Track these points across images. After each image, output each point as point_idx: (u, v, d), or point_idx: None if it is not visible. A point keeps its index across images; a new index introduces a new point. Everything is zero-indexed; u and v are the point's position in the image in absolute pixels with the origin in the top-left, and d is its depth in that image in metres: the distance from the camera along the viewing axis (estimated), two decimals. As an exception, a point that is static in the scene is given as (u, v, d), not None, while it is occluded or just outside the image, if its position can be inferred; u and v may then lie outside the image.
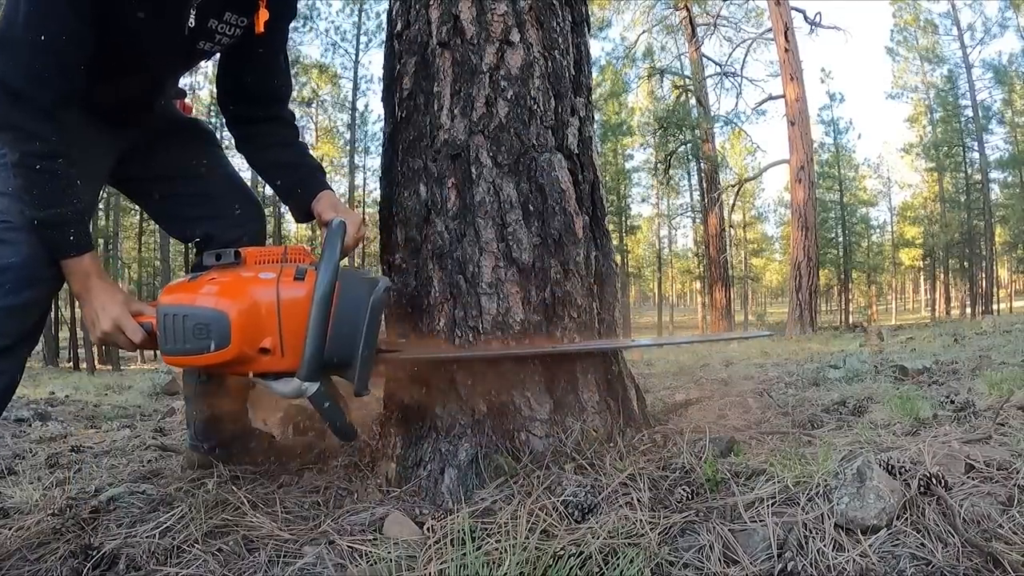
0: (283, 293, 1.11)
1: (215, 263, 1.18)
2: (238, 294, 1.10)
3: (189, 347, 1.09)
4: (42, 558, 1.14)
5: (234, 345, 1.07)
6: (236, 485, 1.38)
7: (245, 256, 1.19)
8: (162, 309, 1.12)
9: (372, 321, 1.15)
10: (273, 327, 1.10)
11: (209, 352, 1.08)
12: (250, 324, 1.09)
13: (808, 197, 12.24)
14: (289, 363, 1.11)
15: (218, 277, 1.14)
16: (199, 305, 1.09)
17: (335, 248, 1.10)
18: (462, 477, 1.31)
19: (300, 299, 1.11)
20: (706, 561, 0.97)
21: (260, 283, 1.12)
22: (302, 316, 1.10)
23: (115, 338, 1.23)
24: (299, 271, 1.14)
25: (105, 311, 1.22)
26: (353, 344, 1.14)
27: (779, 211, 33.24)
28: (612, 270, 1.64)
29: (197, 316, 1.08)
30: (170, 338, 1.10)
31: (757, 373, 3.61)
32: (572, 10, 1.65)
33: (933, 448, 1.22)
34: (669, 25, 19.95)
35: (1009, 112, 23.70)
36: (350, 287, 1.14)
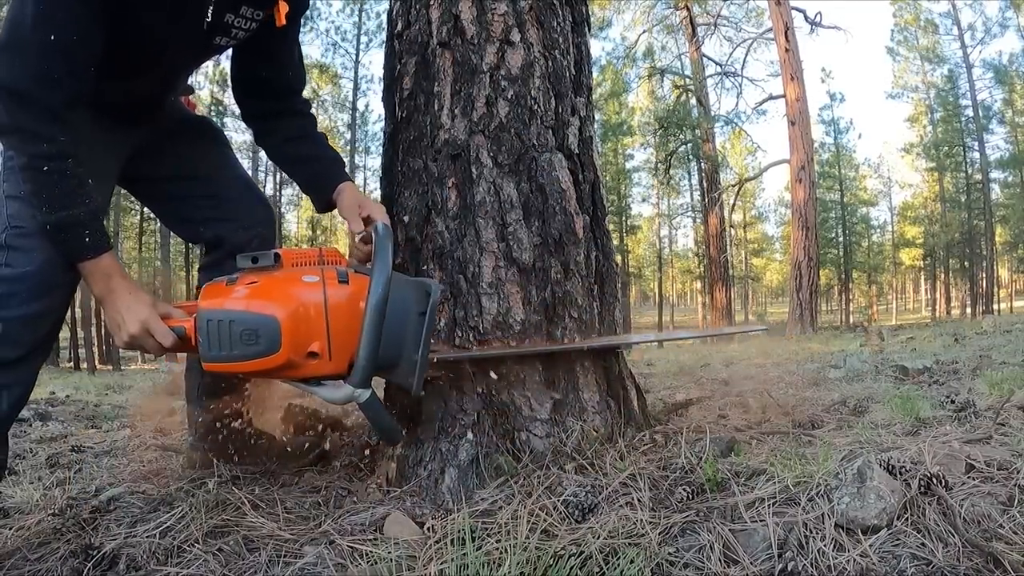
0: (330, 296, 1.09)
1: (251, 265, 1.15)
2: (286, 298, 1.07)
3: (236, 353, 1.05)
4: (42, 558, 1.14)
5: (284, 350, 1.05)
6: (236, 485, 1.38)
7: (283, 258, 1.16)
8: (204, 314, 1.08)
9: (429, 324, 1.14)
10: (321, 331, 1.08)
11: (258, 358, 1.05)
12: (299, 328, 1.06)
13: (808, 197, 12.24)
14: (335, 367, 1.09)
15: (260, 280, 1.11)
16: (246, 310, 1.06)
17: (387, 252, 1.07)
18: (462, 477, 1.31)
19: (346, 302, 1.10)
20: (706, 561, 0.97)
21: (306, 286, 1.09)
22: (348, 319, 1.08)
23: (143, 342, 1.18)
24: (341, 273, 1.13)
25: (132, 312, 1.18)
26: (402, 346, 1.12)
27: (779, 211, 33.26)
28: (613, 270, 1.64)
29: (245, 321, 1.05)
30: (214, 344, 1.06)
31: (757, 373, 3.61)
32: (572, 10, 1.65)
33: (933, 448, 1.22)
34: (669, 25, 19.97)
35: (1009, 112, 23.70)
36: (398, 292, 1.11)
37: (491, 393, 1.42)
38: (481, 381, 1.42)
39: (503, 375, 1.42)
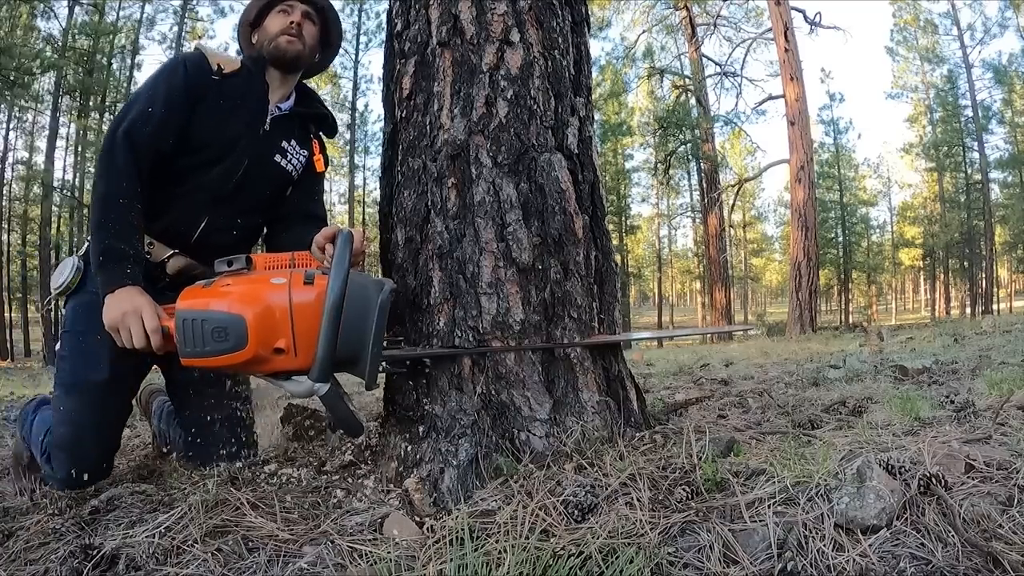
0: (295, 297, 1.18)
1: (227, 269, 1.25)
2: (253, 298, 1.17)
3: (208, 349, 1.16)
4: (42, 558, 1.14)
5: (251, 346, 1.14)
6: (236, 485, 1.38)
7: (255, 262, 1.26)
8: (181, 314, 1.18)
9: (380, 321, 1.21)
10: (287, 329, 1.17)
11: (228, 353, 1.15)
12: (265, 326, 1.16)
13: (808, 197, 12.24)
14: (301, 362, 1.18)
15: (232, 283, 1.21)
16: (217, 309, 1.16)
17: (345, 256, 1.16)
18: (462, 477, 1.31)
19: (311, 302, 1.18)
20: (706, 561, 0.96)
21: (273, 287, 1.19)
22: (313, 318, 1.16)
23: (130, 321, 1.32)
24: (308, 275, 1.21)
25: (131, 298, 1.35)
26: (361, 343, 1.20)
27: (779, 211, 33.24)
28: (612, 270, 1.64)
29: (216, 320, 1.15)
30: (189, 341, 1.17)
31: (757, 373, 3.61)
32: (572, 10, 1.65)
33: (933, 448, 1.21)
34: (669, 25, 19.99)
35: (1009, 112, 23.70)
36: (357, 290, 1.20)
37: (491, 393, 1.42)
38: (480, 381, 1.42)
39: (502, 375, 1.42)
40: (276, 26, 1.68)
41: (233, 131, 1.63)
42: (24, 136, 20.03)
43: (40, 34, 17.31)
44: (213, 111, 1.61)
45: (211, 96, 1.60)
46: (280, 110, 1.72)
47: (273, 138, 1.70)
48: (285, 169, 1.74)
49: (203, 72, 1.60)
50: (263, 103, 1.68)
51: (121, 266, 1.41)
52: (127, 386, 1.62)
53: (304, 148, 1.78)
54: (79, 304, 1.57)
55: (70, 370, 1.53)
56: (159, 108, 1.52)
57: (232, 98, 1.63)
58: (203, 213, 1.63)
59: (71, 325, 1.57)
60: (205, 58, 1.62)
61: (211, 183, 1.62)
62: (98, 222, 1.44)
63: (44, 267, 18.54)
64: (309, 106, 1.80)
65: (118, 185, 1.46)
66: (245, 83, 1.66)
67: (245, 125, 1.65)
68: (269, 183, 1.73)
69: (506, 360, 1.43)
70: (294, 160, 1.75)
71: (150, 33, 20.67)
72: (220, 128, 1.62)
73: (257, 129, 1.66)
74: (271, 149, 1.70)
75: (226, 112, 1.62)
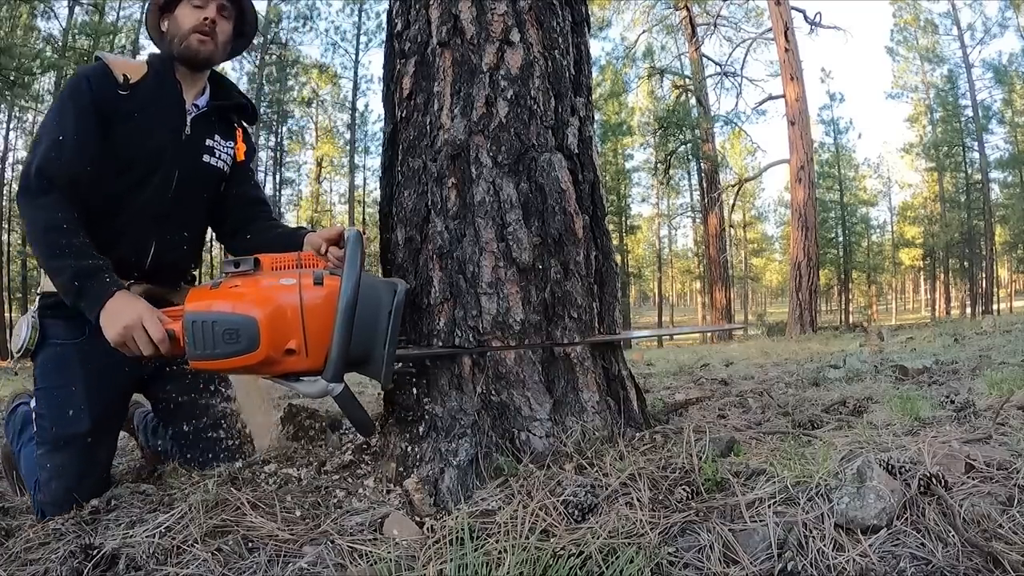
0: (306, 297, 1.18)
1: (234, 270, 1.24)
2: (265, 299, 1.16)
3: (219, 351, 1.14)
4: (42, 558, 1.14)
5: (263, 348, 1.14)
6: (236, 485, 1.38)
7: (262, 263, 1.25)
8: (190, 316, 1.17)
9: (395, 322, 1.22)
10: (298, 329, 1.16)
11: (239, 355, 1.14)
12: (277, 327, 1.15)
13: (808, 197, 12.23)
14: (312, 363, 1.17)
15: (241, 284, 1.20)
16: (228, 311, 1.15)
17: (356, 256, 1.16)
18: (462, 477, 1.31)
19: (321, 302, 1.18)
20: (706, 561, 0.96)
21: (283, 288, 1.18)
22: (324, 318, 1.16)
23: (135, 332, 1.29)
24: (317, 276, 1.21)
25: (129, 307, 1.32)
26: (373, 343, 1.21)
27: (779, 211, 33.23)
28: (612, 270, 1.64)
29: (227, 321, 1.14)
30: (199, 343, 1.15)
31: (757, 373, 3.61)
32: (572, 10, 1.65)
33: (933, 448, 1.21)
34: (669, 25, 19.98)
35: (1009, 112, 23.69)
36: (368, 291, 1.20)
37: (491, 393, 1.42)
38: (480, 381, 1.42)
39: (503, 375, 1.42)
40: (188, 21, 1.59)
41: (155, 142, 1.57)
42: (24, 136, 20.03)
43: (40, 34, 17.30)
44: (129, 125, 1.53)
45: (123, 109, 1.52)
46: (198, 108, 1.65)
47: (197, 139, 1.65)
48: (216, 167, 1.69)
49: (108, 85, 1.52)
50: (180, 106, 1.62)
51: (99, 278, 1.37)
52: (110, 428, 1.60)
53: (229, 140, 1.73)
54: (45, 360, 1.53)
55: (50, 427, 1.49)
56: (69, 135, 1.45)
57: (146, 107, 1.55)
58: (150, 236, 1.58)
59: (42, 382, 1.53)
60: (108, 69, 1.54)
61: (149, 203, 1.57)
62: (51, 255, 1.38)
63: (44, 267, 18.52)
64: (226, 97, 1.73)
65: (52, 216, 1.40)
66: (156, 88, 1.58)
67: (166, 133, 1.58)
68: (204, 186, 1.69)
69: (506, 360, 1.43)
70: (222, 155, 1.71)
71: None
72: (141, 141, 1.55)
73: (179, 134, 1.60)
74: (198, 151, 1.65)
75: (143, 123, 1.55)
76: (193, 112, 1.64)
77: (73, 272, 1.37)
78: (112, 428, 1.61)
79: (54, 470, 1.46)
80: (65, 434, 1.48)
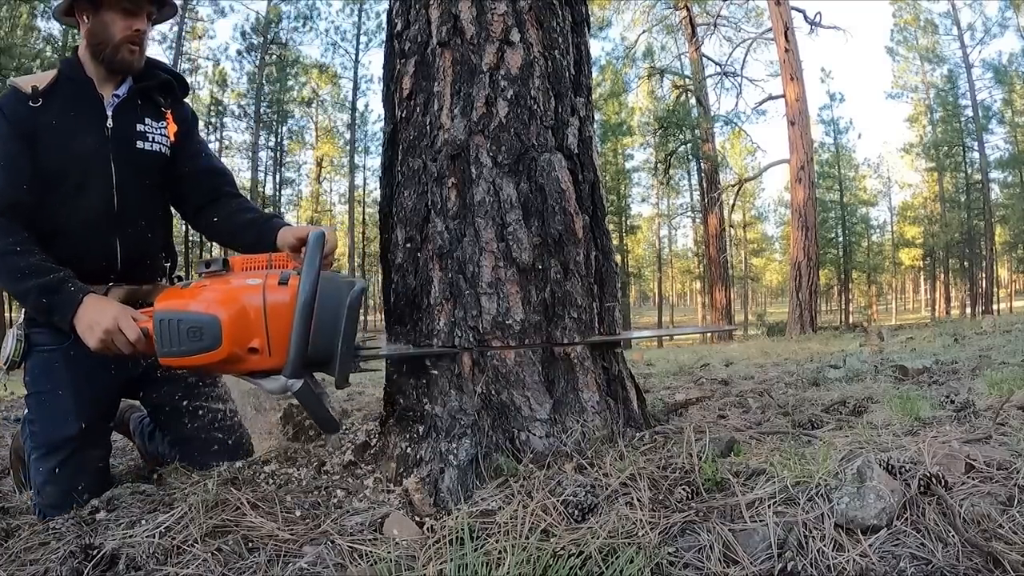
0: (269, 297, 1.21)
1: (205, 271, 1.28)
2: (228, 299, 1.20)
3: (184, 349, 1.19)
4: (42, 558, 1.14)
5: (225, 346, 1.18)
6: (236, 485, 1.38)
7: (232, 264, 1.29)
8: (158, 315, 1.21)
9: (349, 320, 1.23)
10: (260, 329, 1.20)
11: (203, 352, 1.18)
12: (239, 326, 1.19)
13: (808, 197, 12.23)
14: (276, 361, 1.21)
15: (209, 284, 1.24)
16: (193, 310, 1.20)
17: (315, 257, 1.19)
18: (462, 477, 1.31)
19: (284, 302, 1.21)
20: (706, 561, 0.96)
21: (248, 289, 1.22)
22: (286, 318, 1.19)
23: (115, 336, 1.32)
24: (283, 276, 1.24)
25: (104, 312, 1.34)
26: (333, 342, 1.22)
27: (779, 211, 33.22)
28: (612, 270, 1.64)
29: (191, 320, 1.19)
30: (166, 341, 1.20)
31: (757, 373, 3.61)
32: (572, 10, 1.65)
33: (933, 448, 1.21)
34: (669, 25, 19.98)
35: (1009, 112, 23.70)
36: (329, 290, 1.22)
37: (491, 393, 1.42)
38: (480, 381, 1.42)
39: (503, 375, 1.42)
40: (118, 30, 1.54)
41: (80, 144, 1.54)
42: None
43: (40, 34, 17.31)
44: (50, 135, 1.51)
45: (41, 121, 1.50)
46: (118, 97, 1.61)
47: (124, 128, 1.60)
48: (153, 151, 1.64)
49: (20, 102, 1.50)
50: (96, 102, 1.58)
51: (64, 290, 1.39)
52: (101, 429, 1.61)
53: (161, 120, 1.67)
54: (35, 366, 1.56)
55: (41, 431, 1.52)
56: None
57: (63, 112, 1.53)
58: (112, 236, 1.58)
59: (32, 387, 1.56)
60: (16, 88, 1.53)
61: (97, 205, 1.56)
62: (12, 279, 1.41)
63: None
64: (148, 78, 1.66)
65: (4, 241, 1.42)
66: (68, 91, 1.56)
67: (89, 132, 1.55)
68: (146, 172, 1.64)
69: (506, 360, 1.43)
70: (157, 137, 1.65)
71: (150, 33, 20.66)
72: (66, 147, 1.52)
73: (102, 130, 1.57)
74: (128, 140, 1.60)
75: (63, 128, 1.52)
76: (113, 103, 1.60)
77: (38, 291, 1.39)
78: (103, 429, 1.62)
79: (48, 474, 1.48)
80: (55, 439, 1.50)
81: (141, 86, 1.65)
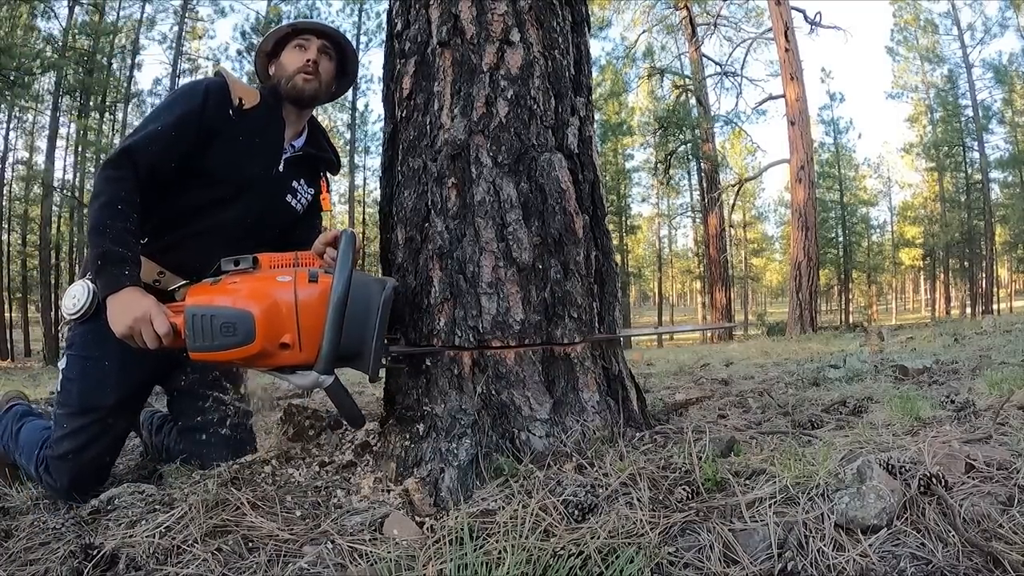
0: (300, 294, 1.24)
1: (234, 268, 1.30)
2: (261, 295, 1.22)
3: (217, 343, 1.20)
4: (42, 558, 1.14)
5: (258, 341, 1.19)
6: (236, 485, 1.38)
7: (261, 261, 1.31)
8: (190, 309, 1.23)
9: (383, 317, 1.27)
10: (292, 324, 1.22)
11: (236, 347, 1.20)
12: (272, 322, 1.21)
13: (808, 197, 12.23)
14: (305, 356, 1.23)
15: (240, 281, 1.26)
16: (226, 305, 1.21)
17: (349, 255, 1.22)
18: (462, 477, 1.31)
19: (315, 299, 1.24)
20: (706, 561, 0.96)
21: (279, 285, 1.24)
22: (317, 314, 1.22)
23: (142, 327, 1.34)
24: (311, 274, 1.26)
25: (136, 303, 1.36)
26: (364, 338, 1.25)
27: (779, 211, 33.19)
28: (612, 270, 1.64)
29: (224, 315, 1.20)
30: (198, 335, 1.21)
31: (757, 373, 3.61)
32: (572, 10, 1.65)
33: (933, 448, 1.21)
34: (669, 25, 19.99)
35: (1009, 112, 23.67)
36: (360, 288, 1.25)
37: (491, 393, 1.42)
38: (480, 381, 1.42)
39: (503, 374, 1.42)
40: (293, 63, 1.70)
41: (249, 171, 1.66)
42: (24, 136, 20.04)
43: (40, 34, 17.30)
44: (230, 147, 1.61)
45: (228, 132, 1.61)
46: (293, 149, 1.75)
47: (285, 179, 1.73)
48: (294, 208, 1.78)
49: (223, 105, 1.61)
50: (279, 144, 1.71)
51: (119, 268, 1.42)
52: (132, 408, 1.67)
53: (312, 187, 1.83)
54: (90, 330, 1.57)
55: (78, 394, 1.56)
56: (168, 131, 1.54)
57: (250, 136, 1.65)
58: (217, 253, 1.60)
59: (81, 350, 1.58)
60: (228, 89, 1.63)
61: (226, 223, 1.65)
62: (94, 227, 1.44)
63: (44, 267, 18.53)
64: (319, 147, 1.83)
65: (115, 194, 1.46)
66: (263, 120, 1.67)
67: (261, 166, 1.68)
68: (278, 222, 1.77)
69: (506, 360, 1.43)
70: (302, 199, 1.80)
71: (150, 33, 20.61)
72: (237, 166, 1.63)
73: (271, 170, 1.69)
74: (283, 189, 1.74)
75: (243, 150, 1.63)
76: (288, 152, 1.74)
77: (102, 252, 1.42)
78: (134, 407, 1.68)
79: (70, 430, 1.54)
80: (91, 403, 1.55)
81: (311, 151, 1.79)
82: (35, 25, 17.13)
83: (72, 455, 1.51)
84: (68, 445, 1.53)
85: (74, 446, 1.52)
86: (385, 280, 1.35)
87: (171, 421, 1.81)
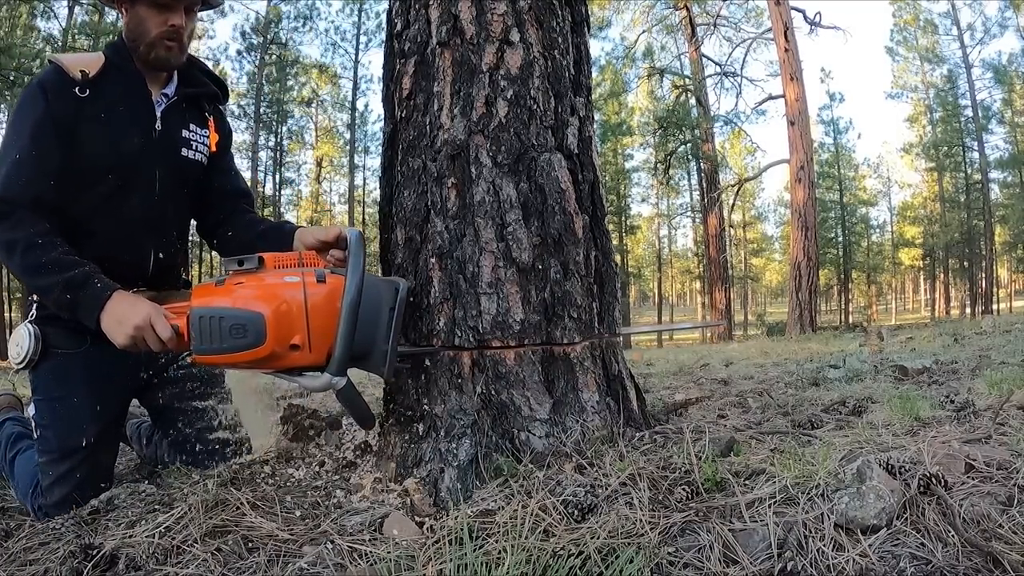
0: (310, 294, 1.21)
1: (238, 268, 1.26)
2: (271, 296, 1.19)
3: (226, 346, 1.17)
4: (42, 558, 1.14)
5: (269, 343, 1.16)
6: (236, 485, 1.38)
7: (266, 261, 1.27)
8: (196, 311, 1.19)
9: (397, 318, 1.27)
10: (302, 325, 1.20)
11: (246, 350, 1.16)
12: (283, 323, 1.18)
13: (808, 197, 12.23)
14: (315, 358, 1.21)
15: (246, 281, 1.22)
16: (235, 306, 1.18)
17: (360, 256, 1.21)
18: (462, 477, 1.31)
19: (324, 300, 1.22)
20: (706, 561, 0.96)
21: (288, 286, 1.22)
22: (326, 315, 1.20)
23: (145, 334, 1.29)
24: (319, 274, 1.24)
25: (136, 309, 1.30)
26: (374, 339, 1.25)
27: (779, 211, 33.19)
28: (612, 270, 1.64)
29: (234, 317, 1.17)
30: (205, 338, 1.18)
31: (757, 373, 3.61)
32: (572, 10, 1.65)
33: (933, 448, 1.21)
34: (669, 25, 19.98)
35: (1009, 112, 23.68)
36: (370, 290, 1.23)
37: (491, 393, 1.42)
38: (480, 381, 1.42)
39: (502, 374, 1.42)
40: (153, 26, 1.48)
41: (127, 144, 1.48)
42: (24, 136, 20.01)
43: (40, 34, 17.30)
44: (95, 128, 1.44)
45: (86, 113, 1.43)
46: (167, 98, 1.56)
47: (171, 132, 1.56)
48: (194, 160, 1.62)
49: (65, 88, 1.42)
50: (146, 100, 1.52)
51: (90, 285, 1.34)
52: (114, 433, 1.61)
53: (204, 128, 1.64)
54: (49, 370, 1.50)
55: (55, 438, 1.48)
56: (28, 152, 1.38)
57: (111, 105, 1.46)
58: (148, 242, 1.56)
59: (45, 393, 1.50)
60: (62, 70, 1.44)
61: (138, 209, 1.53)
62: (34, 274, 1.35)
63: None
64: (196, 83, 1.63)
65: (22, 237, 1.35)
66: (118, 82, 1.49)
67: (137, 132, 1.50)
68: (184, 181, 1.62)
69: (506, 360, 1.43)
70: (199, 146, 1.62)
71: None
72: (112, 145, 1.47)
73: (150, 131, 1.52)
74: (174, 145, 1.57)
75: (110, 124, 1.46)
76: (162, 103, 1.55)
77: (62, 286, 1.33)
78: (115, 434, 1.62)
79: (57, 477, 1.47)
80: (71, 445, 1.47)
81: (188, 91, 1.60)
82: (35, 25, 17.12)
83: (67, 499, 1.43)
84: (61, 492, 1.45)
85: (67, 491, 1.45)
86: (394, 280, 1.35)
87: (159, 432, 1.75)
